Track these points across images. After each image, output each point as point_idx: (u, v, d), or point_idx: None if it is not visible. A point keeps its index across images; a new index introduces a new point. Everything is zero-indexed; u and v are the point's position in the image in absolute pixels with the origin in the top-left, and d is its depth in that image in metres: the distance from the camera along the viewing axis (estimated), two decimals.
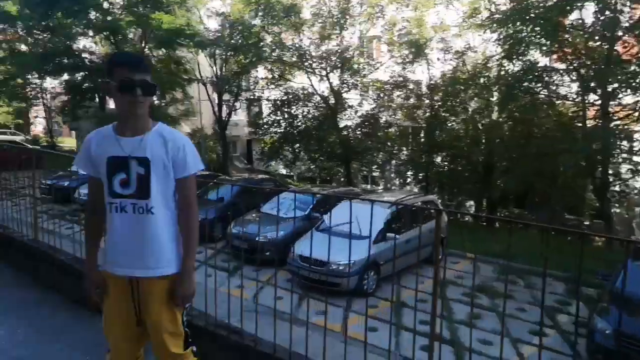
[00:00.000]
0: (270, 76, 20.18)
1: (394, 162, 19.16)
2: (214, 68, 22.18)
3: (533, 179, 13.82)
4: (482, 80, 16.09)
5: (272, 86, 20.09)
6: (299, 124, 19.07)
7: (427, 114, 17.78)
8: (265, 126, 19.81)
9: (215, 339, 2.97)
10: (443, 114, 17.16)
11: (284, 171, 22.69)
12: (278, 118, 19.21)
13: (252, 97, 21.63)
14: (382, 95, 18.51)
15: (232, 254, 9.54)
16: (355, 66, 18.21)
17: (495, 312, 8.02)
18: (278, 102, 19.25)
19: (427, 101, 17.85)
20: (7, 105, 31.32)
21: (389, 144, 18.57)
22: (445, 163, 17.99)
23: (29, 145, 17.43)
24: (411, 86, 17.63)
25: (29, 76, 24.96)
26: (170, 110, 23.69)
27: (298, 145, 19.32)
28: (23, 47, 25.34)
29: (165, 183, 2.06)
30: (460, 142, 17.10)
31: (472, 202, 17.82)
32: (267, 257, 9.41)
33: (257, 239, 8.55)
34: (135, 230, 2.03)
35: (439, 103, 17.30)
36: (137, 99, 1.94)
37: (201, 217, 7.50)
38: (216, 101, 22.93)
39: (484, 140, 16.88)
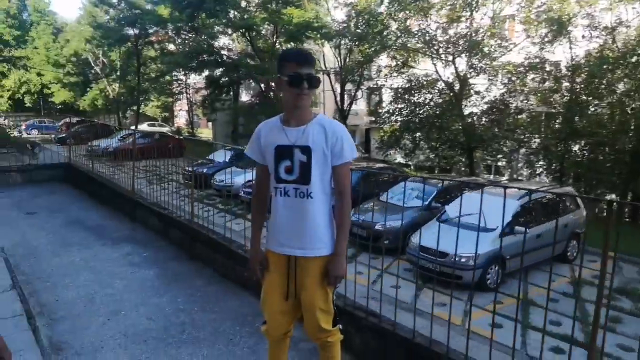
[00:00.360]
0: (393, 64, 20.04)
1: (523, 150, 17.85)
2: (338, 58, 22.72)
3: None
4: (634, 58, 14.19)
5: (395, 74, 19.93)
6: (421, 111, 18.66)
7: (566, 98, 16.18)
8: (386, 114, 19.75)
9: (352, 320, 3.14)
10: (585, 98, 15.48)
11: (401, 160, 22.45)
12: (400, 106, 19.00)
13: (374, 85, 21.72)
14: (513, 79, 17.27)
15: (350, 241, 9.78)
16: (486, 49, 17.26)
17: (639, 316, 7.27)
18: (400, 90, 19.02)
19: (566, 84, 16.24)
20: (157, 100, 35.50)
21: (518, 131, 17.33)
22: (584, 152, 16.27)
23: (176, 136, 19.70)
24: (548, 68, 16.15)
25: (176, 73, 27.91)
26: None
27: (419, 133, 18.94)
28: (171, 47, 28.45)
29: (324, 170, 2.22)
30: (604, 128, 15.32)
31: (613, 196, 15.90)
32: (385, 245, 9.52)
33: (375, 227, 8.69)
34: (295, 213, 2.22)
35: (581, 85, 15.63)
36: (303, 92, 2.14)
37: None
38: (338, 91, 23.48)
39: (632, 127, 14.92)
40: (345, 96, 23.55)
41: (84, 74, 35.20)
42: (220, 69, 23.22)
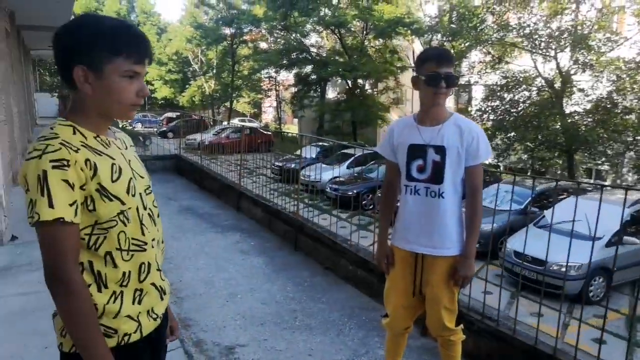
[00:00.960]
0: (487, 59, 19.27)
1: (631, 154, 16.39)
2: None
3: None
4: None
5: (489, 70, 19.15)
6: (517, 110, 17.76)
7: None
8: (478, 113, 19.04)
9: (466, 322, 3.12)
10: None
11: (490, 161, 21.52)
12: (494, 104, 18.22)
13: (465, 82, 21.03)
14: (623, 76, 15.89)
15: None
16: (592, 43, 16.05)
17: None
18: (496, 87, 18.23)
19: None
20: (248, 96, 37.06)
21: (629, 133, 15.93)
22: None
23: (265, 131, 20.51)
24: None
25: (267, 70, 28.99)
26: (382, 98, 24.86)
27: (514, 133, 18.02)
28: (263, 45, 29.60)
29: (457, 170, 2.24)
30: None
31: None
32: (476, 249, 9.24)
33: None
34: (425, 212, 2.27)
35: None
36: (440, 91, 2.18)
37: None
38: None
39: None
40: None
41: (184, 71, 37.69)
42: (310, 67, 23.77)
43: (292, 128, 36.19)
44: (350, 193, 12.88)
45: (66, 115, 1.32)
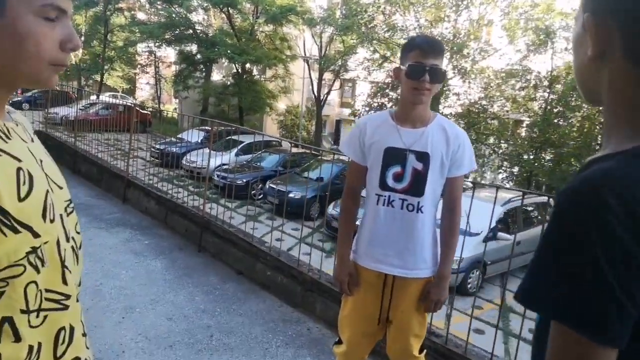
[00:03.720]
0: (375, 56, 19.93)
1: (492, 157, 18.31)
2: (319, 46, 22.38)
3: None
4: None
5: (376, 67, 19.85)
6: None
7: (543, 108, 16.71)
8: (366, 108, 19.69)
9: None
10: (561, 109, 16.02)
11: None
12: (381, 101, 18.97)
13: (356, 78, 21.58)
14: (492, 84, 17.62)
15: (329, 234, 9.60)
16: (466, 51, 17.45)
17: None
18: (383, 85, 18.97)
19: (543, 94, 16.75)
20: (121, 70, 33.85)
21: (491, 138, 17.74)
22: (552, 161, 16.88)
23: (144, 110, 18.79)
24: (529, 76, 16.57)
25: (147, 44, 26.71)
26: (270, 85, 24.41)
27: None
28: (142, 16, 27.12)
29: (438, 180, 1.96)
30: (573, 140, 15.96)
31: None
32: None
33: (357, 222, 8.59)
34: (399, 228, 1.95)
35: (558, 96, 16.16)
36: (423, 86, 1.84)
37: (300, 194, 7.63)
38: (316, 79, 23.20)
39: (599, 142, 15.64)
40: (323, 85, 23.29)
41: None
42: (195, 45, 22.38)
43: (171, 109, 33.91)
44: (239, 182, 12.31)
45: None
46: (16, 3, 0.74)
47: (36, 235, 0.77)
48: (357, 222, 2.15)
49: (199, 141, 13.81)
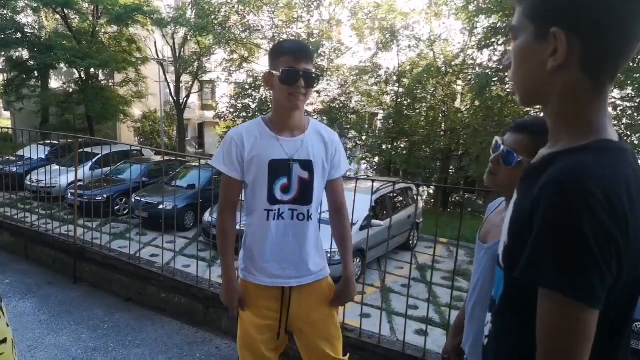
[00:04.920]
0: (232, 58, 19.70)
1: (355, 149, 19.44)
2: (172, 47, 21.36)
3: None
4: (450, 69, 16.67)
5: (234, 68, 19.66)
6: (267, 107, 18.83)
7: (394, 101, 18.20)
8: (231, 110, 19.37)
9: None
10: (410, 101, 17.61)
11: None
12: (246, 101, 18.83)
13: (214, 79, 21.04)
14: (348, 81, 18.65)
15: (207, 242, 9.25)
16: (321, 50, 18.19)
17: None
18: (246, 85, 18.84)
19: (394, 88, 18.24)
20: None
21: (352, 131, 18.81)
22: (403, 150, 18.53)
23: None
24: (380, 72, 17.88)
25: None
26: (122, 91, 22.65)
27: None
28: None
29: (321, 186, 1.96)
30: (422, 129, 17.69)
31: (425, 188, 18.53)
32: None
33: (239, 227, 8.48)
34: (292, 239, 1.91)
35: (405, 90, 17.73)
36: (298, 91, 1.79)
37: (171, 204, 7.26)
38: (173, 82, 22.14)
39: (443, 129, 17.61)
40: (181, 88, 22.32)
41: None
42: (28, 49, 19.74)
43: (3, 123, 29.46)
44: (99, 198, 11.23)
45: None
46: None
47: None
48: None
49: (44, 157, 12.31)
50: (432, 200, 17.90)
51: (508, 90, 13.81)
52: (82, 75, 20.90)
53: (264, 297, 1.96)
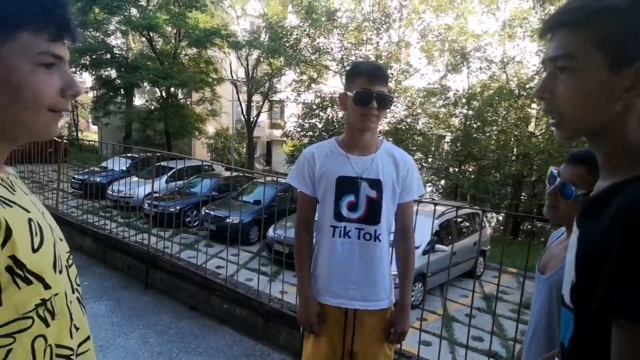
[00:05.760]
0: (303, 78, 20.26)
1: (420, 171, 19.13)
2: (246, 69, 22.34)
3: None
4: (524, 92, 16.11)
5: (303, 89, 20.18)
6: (332, 128, 19.08)
7: (463, 123, 17.82)
8: (297, 129, 19.86)
9: None
10: (480, 124, 17.15)
11: None
12: (312, 121, 19.24)
13: (285, 99, 21.72)
14: (415, 103, 18.53)
15: (269, 257, 9.43)
16: (389, 72, 18.23)
17: None
18: (312, 105, 19.27)
19: (463, 110, 17.88)
20: None
21: (418, 153, 18.58)
22: (471, 174, 17.98)
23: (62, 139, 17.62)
24: (449, 94, 17.63)
25: None
26: (198, 109, 23.92)
27: None
28: None
29: (391, 207, 1.94)
30: (492, 153, 17.13)
31: (494, 214, 17.80)
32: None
33: None
34: (358, 258, 1.90)
35: (475, 112, 17.31)
36: (371, 112, 1.83)
37: (237, 219, 7.41)
38: (244, 102, 23.08)
39: (515, 153, 16.93)
40: (252, 107, 23.25)
41: None
42: (116, 69, 21.45)
43: (90, 136, 32.08)
44: (172, 209, 11.84)
45: None
46: (9, 53, 0.73)
47: (47, 286, 0.76)
48: None
49: (125, 169, 13.19)
50: (502, 228, 17.13)
51: None
52: (163, 94, 22.31)
53: (329, 317, 1.95)
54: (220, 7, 22.56)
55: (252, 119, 23.28)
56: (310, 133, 19.07)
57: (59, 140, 7.70)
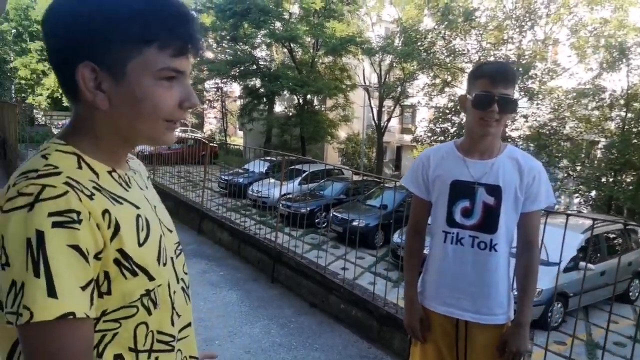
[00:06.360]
0: (434, 82, 19.78)
1: (566, 180, 17.31)
2: (378, 74, 22.56)
3: None
4: None
5: (436, 93, 19.68)
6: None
7: (620, 127, 15.75)
8: (428, 134, 19.46)
9: None
10: (639, 128, 15.02)
11: None
12: (444, 126, 18.69)
13: (415, 103, 21.46)
14: (563, 105, 16.86)
15: (394, 263, 9.39)
16: (532, 72, 16.86)
17: None
18: (445, 109, 18.71)
19: (620, 113, 15.81)
20: None
21: (564, 160, 16.84)
22: (629, 184, 15.69)
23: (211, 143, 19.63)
24: (603, 95, 15.73)
25: (212, 81, 28.12)
26: (331, 115, 24.80)
27: None
28: (209, 55, 28.69)
29: (513, 216, 1.81)
30: None
31: None
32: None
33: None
34: (470, 268, 1.81)
35: (634, 115, 15.19)
36: (490, 116, 1.71)
37: (364, 222, 7.46)
38: (376, 107, 23.31)
39: None
40: (383, 112, 23.37)
41: None
42: (260, 79, 23.25)
43: (236, 140, 35.18)
44: (303, 210, 12.45)
45: (64, 136, 0.82)
46: (135, 68, 0.77)
47: (151, 278, 0.81)
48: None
49: (263, 171, 14.20)
50: None
51: None
52: (300, 101, 23.59)
53: (438, 325, 1.90)
54: (356, 15, 23.11)
55: (382, 124, 23.39)
56: (442, 138, 18.49)
57: (207, 143, 8.71)
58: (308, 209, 12.47)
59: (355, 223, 10.04)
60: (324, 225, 12.79)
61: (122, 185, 0.83)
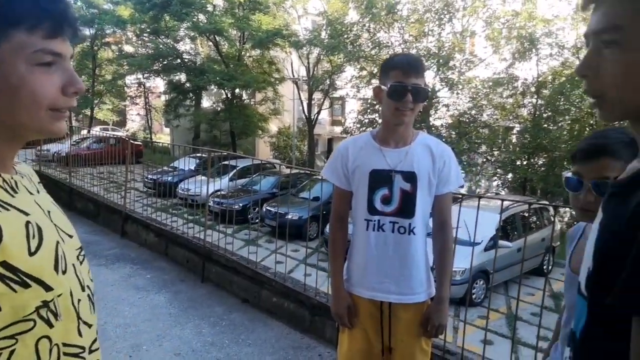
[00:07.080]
0: (360, 74, 20.17)
1: (486, 165, 18.40)
2: (306, 67, 22.63)
3: None
4: None
5: (363, 84, 20.08)
6: None
7: (532, 113, 16.93)
8: (357, 125, 19.84)
9: None
10: (550, 114, 16.21)
11: None
12: (373, 117, 19.12)
13: (345, 95, 21.78)
14: (480, 93, 17.85)
15: (328, 253, 9.52)
16: (452, 63, 17.69)
17: None
18: (373, 101, 19.14)
19: (531, 99, 16.99)
20: (111, 103, 34.03)
21: (483, 146, 17.88)
22: (541, 166, 16.98)
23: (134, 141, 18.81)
24: (516, 83, 16.81)
25: (137, 76, 26.89)
26: (261, 109, 24.57)
27: None
28: (129, 49, 27.33)
29: (427, 200, 1.91)
30: (564, 144, 16.12)
31: (567, 209, 16.67)
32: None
33: None
34: (392, 252, 1.88)
35: (546, 101, 16.37)
36: (405, 106, 1.78)
37: (297, 215, 7.66)
38: (305, 100, 23.38)
39: None
40: (313, 105, 23.50)
41: None
42: (185, 73, 22.53)
43: (163, 138, 33.93)
44: (236, 207, 12.26)
45: None
46: (5, 53, 0.71)
47: (48, 288, 0.74)
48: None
49: (193, 168, 13.81)
50: (575, 223, 16.08)
51: None
52: (228, 95, 23.14)
53: (364, 310, 1.95)
54: (282, 8, 22.98)
55: (312, 117, 23.53)
56: (370, 128, 18.88)
57: (128, 141, 8.31)
58: (240, 204, 12.31)
59: (288, 216, 10.06)
60: (256, 221, 12.71)
61: (7, 190, 0.75)
